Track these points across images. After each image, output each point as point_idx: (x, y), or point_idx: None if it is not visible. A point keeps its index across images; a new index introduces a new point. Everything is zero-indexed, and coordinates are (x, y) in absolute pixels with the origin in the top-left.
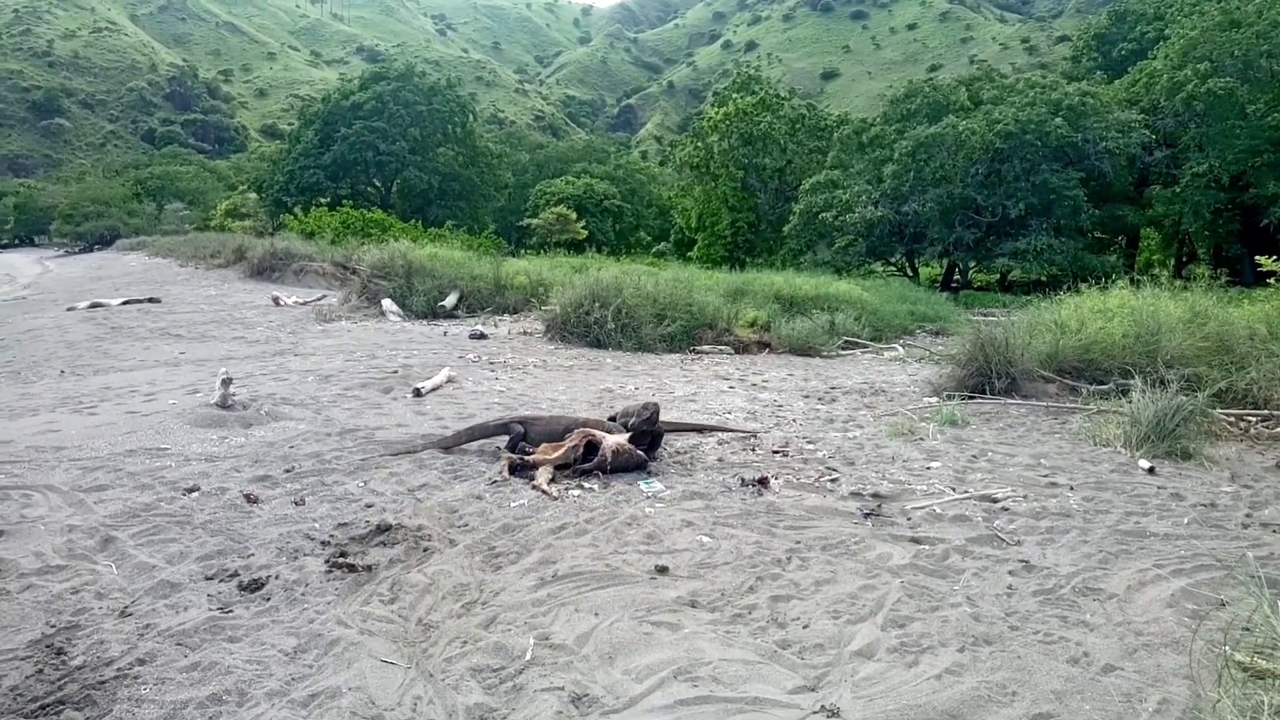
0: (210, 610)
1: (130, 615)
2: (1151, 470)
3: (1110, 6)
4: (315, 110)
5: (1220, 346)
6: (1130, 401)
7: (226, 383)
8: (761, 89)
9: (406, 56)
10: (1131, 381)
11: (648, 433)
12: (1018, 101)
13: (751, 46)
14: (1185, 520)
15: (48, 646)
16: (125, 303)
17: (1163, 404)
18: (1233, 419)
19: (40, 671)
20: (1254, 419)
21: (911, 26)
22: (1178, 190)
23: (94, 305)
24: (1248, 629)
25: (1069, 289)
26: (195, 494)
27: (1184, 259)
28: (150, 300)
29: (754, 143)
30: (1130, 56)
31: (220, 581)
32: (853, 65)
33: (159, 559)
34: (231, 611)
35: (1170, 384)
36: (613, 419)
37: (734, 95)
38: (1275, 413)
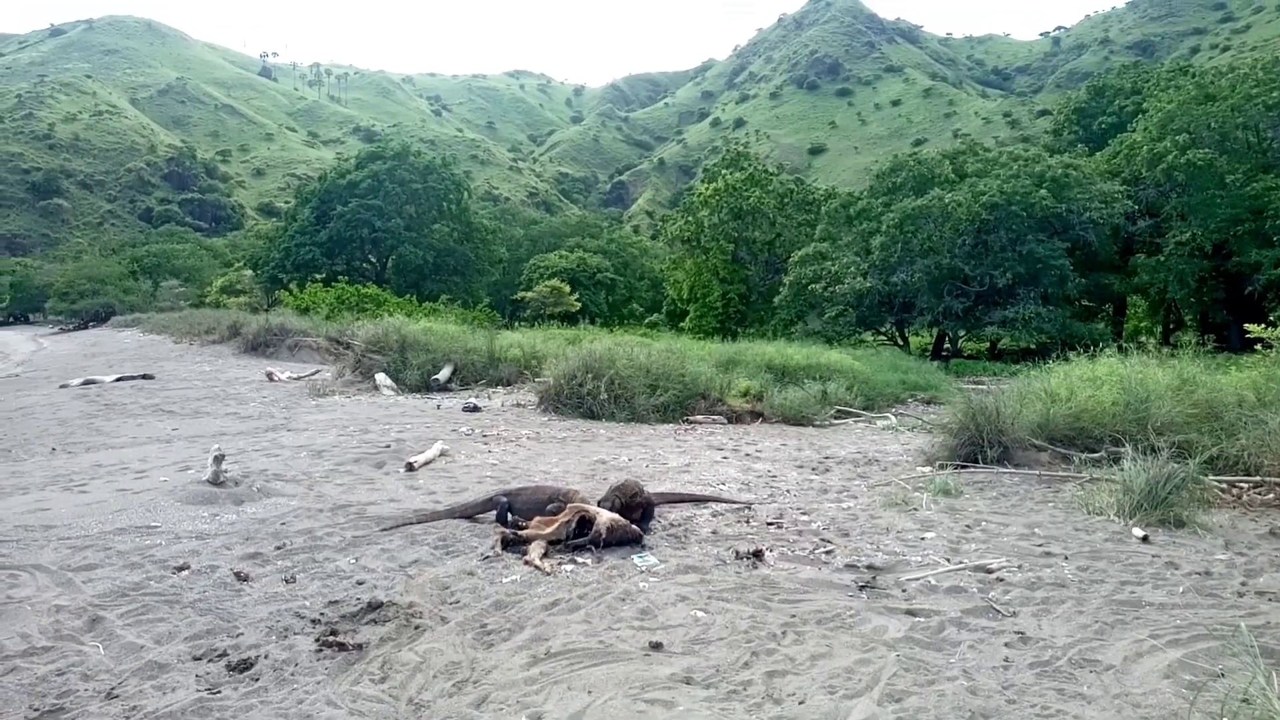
0: (198, 691)
1: (117, 697)
2: (1145, 539)
3: (1088, 82)
4: (312, 189)
5: (1209, 414)
6: (1122, 469)
7: (218, 459)
8: (750, 165)
9: (402, 136)
10: (1122, 449)
11: (639, 505)
12: (1002, 174)
13: (740, 124)
14: (1180, 589)
15: None
16: (118, 379)
17: (1154, 472)
18: (1225, 486)
19: None
20: (1246, 485)
21: (896, 103)
22: (1162, 259)
23: (87, 382)
24: (1246, 700)
25: (1058, 357)
26: (185, 572)
27: (1171, 326)
28: (144, 376)
29: (744, 217)
30: (1110, 129)
31: (209, 661)
32: (839, 140)
33: (147, 639)
34: (220, 692)
35: (1161, 451)
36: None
37: (723, 171)
38: (1267, 479)
